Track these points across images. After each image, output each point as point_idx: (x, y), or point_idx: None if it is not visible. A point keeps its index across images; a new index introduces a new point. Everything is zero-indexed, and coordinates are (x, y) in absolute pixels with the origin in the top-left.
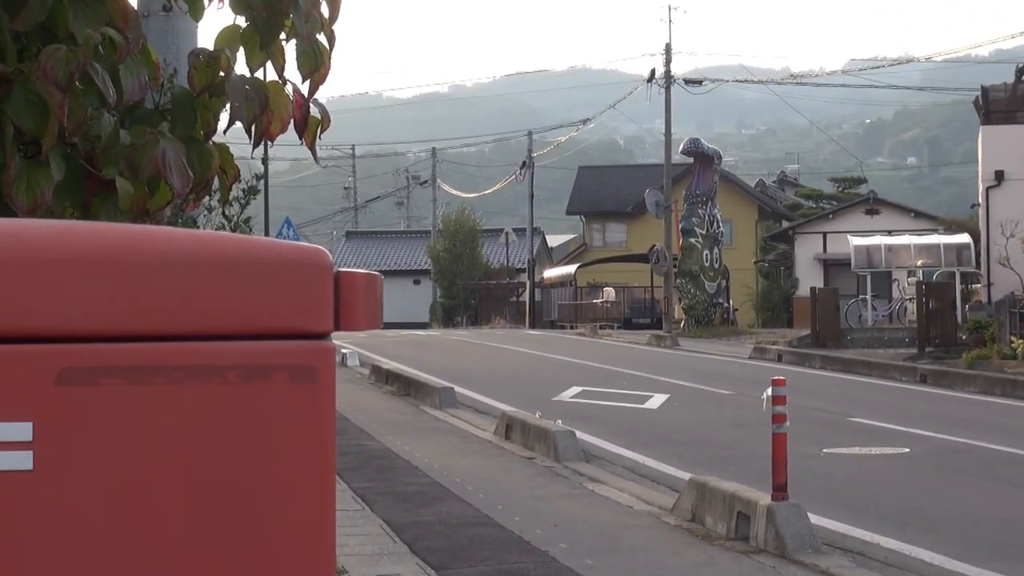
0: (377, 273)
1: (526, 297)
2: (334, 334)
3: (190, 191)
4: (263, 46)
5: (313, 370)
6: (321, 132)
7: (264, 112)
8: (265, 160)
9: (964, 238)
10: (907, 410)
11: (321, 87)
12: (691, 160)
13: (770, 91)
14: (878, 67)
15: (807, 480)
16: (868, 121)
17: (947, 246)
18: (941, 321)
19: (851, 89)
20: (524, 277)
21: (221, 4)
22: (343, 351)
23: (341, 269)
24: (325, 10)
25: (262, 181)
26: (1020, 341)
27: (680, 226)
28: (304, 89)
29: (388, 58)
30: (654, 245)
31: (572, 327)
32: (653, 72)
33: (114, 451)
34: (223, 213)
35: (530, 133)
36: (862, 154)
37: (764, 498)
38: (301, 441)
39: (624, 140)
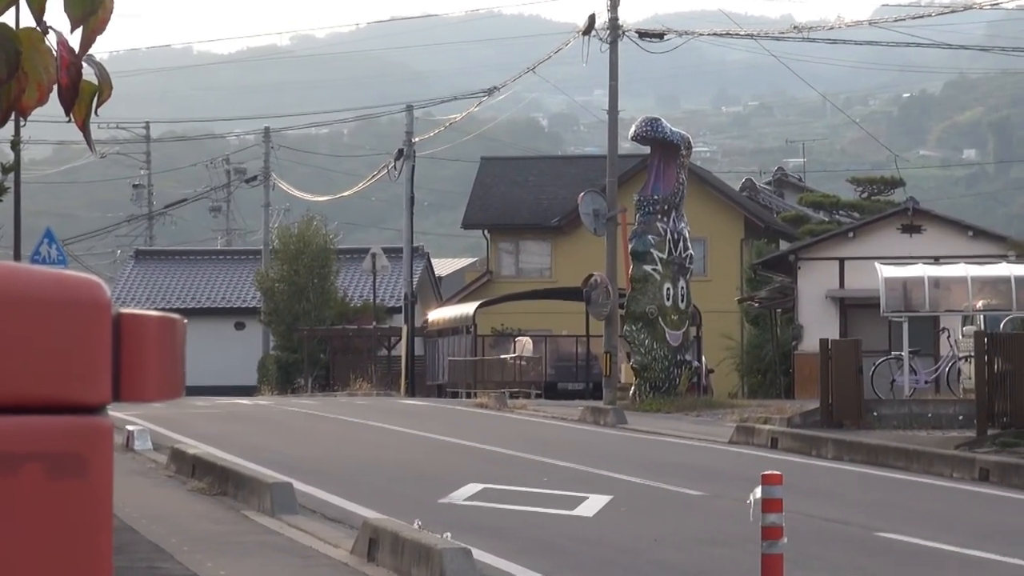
0: (177, 316)
1: (402, 350)
2: (113, 406)
3: None
4: None
5: (80, 459)
6: (99, 104)
7: (14, 74)
8: (16, 145)
9: None
10: (961, 521)
11: (99, 38)
12: (647, 150)
13: (763, 50)
14: (921, 16)
15: None
16: (907, 95)
17: (1021, 280)
18: (1012, 390)
19: (882, 48)
20: (399, 320)
21: None
22: (128, 429)
23: (124, 310)
24: None
25: (11, 176)
26: None
27: (630, 247)
28: (74, 41)
29: None
30: (591, 275)
31: (470, 394)
32: (592, 19)
33: None
34: None
35: (410, 107)
36: (897, 144)
37: None
38: (62, 561)
39: (549, 120)
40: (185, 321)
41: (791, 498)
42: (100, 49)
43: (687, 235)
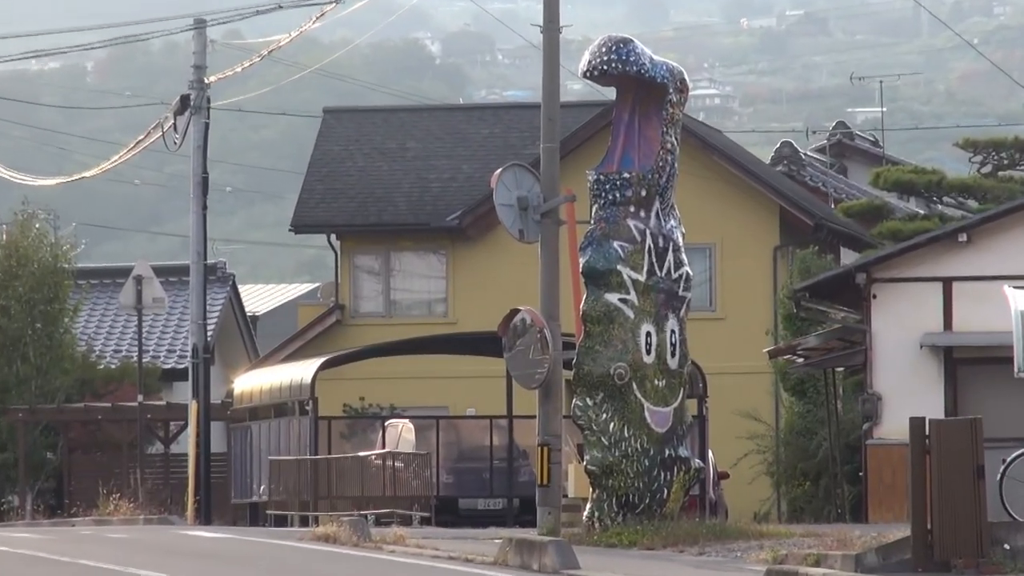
0: None
1: (189, 444)
2: None
3: None
4: None
5: None
6: None
7: None
8: None
9: None
10: None
11: None
12: (611, 94)
13: None
14: None
15: None
16: None
17: None
18: None
19: None
20: (184, 393)
21: None
22: None
23: None
24: None
25: None
26: None
27: (582, 262)
28: None
29: None
30: (515, 312)
31: (307, 520)
32: None
33: None
34: None
35: (201, 24)
36: None
37: None
38: None
39: (442, 44)
40: None
41: None
42: None
43: (681, 241)
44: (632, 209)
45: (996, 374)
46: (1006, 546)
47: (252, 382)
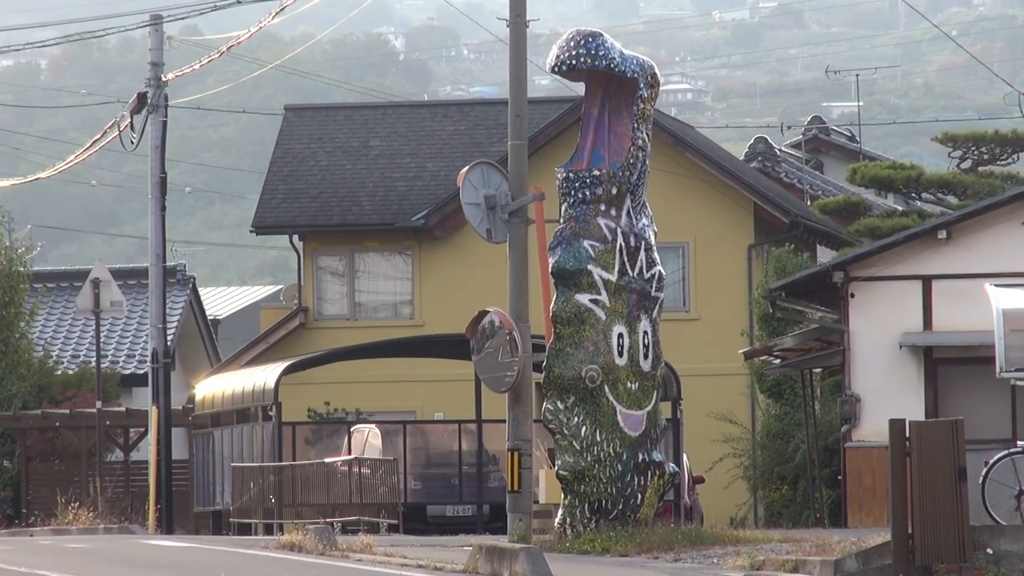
0: None
1: (150, 451)
2: None
3: None
4: None
5: None
6: None
7: None
8: None
9: None
10: None
11: None
12: (580, 89)
13: None
14: None
15: None
16: None
17: None
18: None
19: None
20: (144, 399)
21: None
22: None
23: None
24: None
25: None
26: None
27: (552, 262)
28: None
29: None
30: (483, 314)
31: (272, 528)
32: None
33: None
34: None
35: (158, 19)
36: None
37: None
38: None
39: (406, 39)
40: None
41: None
42: None
43: (653, 240)
44: (603, 207)
45: (977, 374)
46: (989, 550)
47: (214, 387)
